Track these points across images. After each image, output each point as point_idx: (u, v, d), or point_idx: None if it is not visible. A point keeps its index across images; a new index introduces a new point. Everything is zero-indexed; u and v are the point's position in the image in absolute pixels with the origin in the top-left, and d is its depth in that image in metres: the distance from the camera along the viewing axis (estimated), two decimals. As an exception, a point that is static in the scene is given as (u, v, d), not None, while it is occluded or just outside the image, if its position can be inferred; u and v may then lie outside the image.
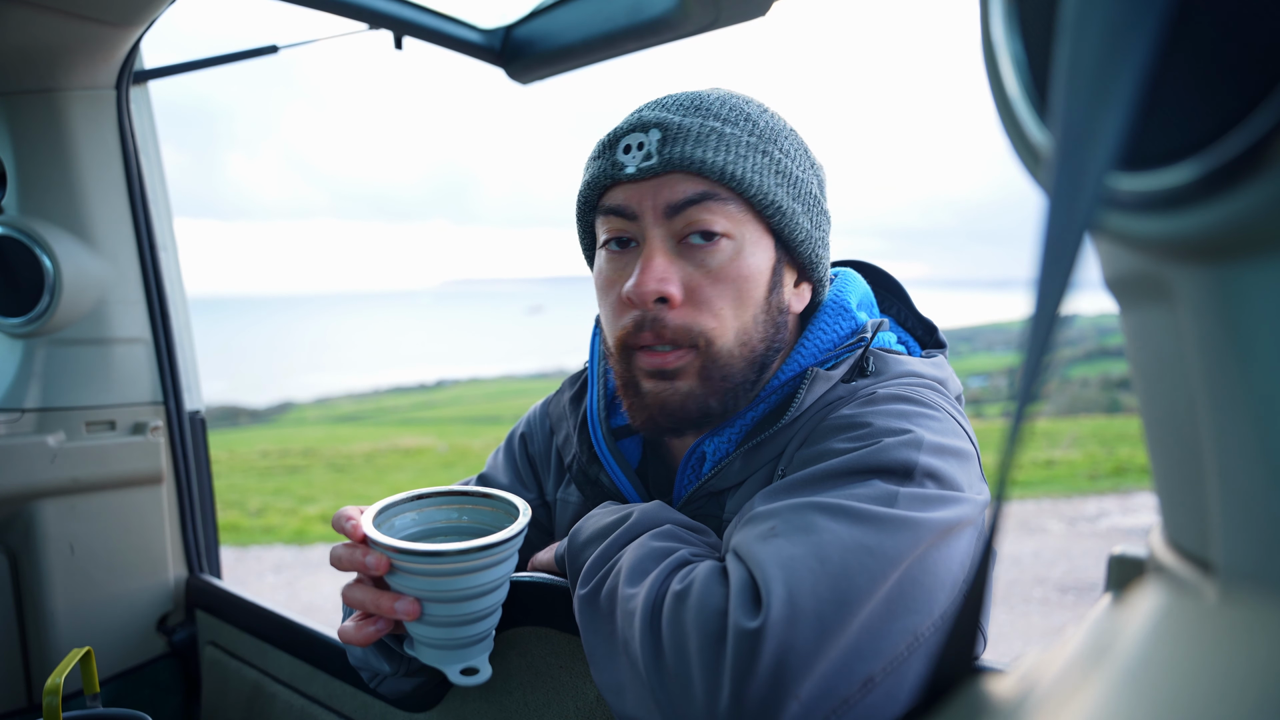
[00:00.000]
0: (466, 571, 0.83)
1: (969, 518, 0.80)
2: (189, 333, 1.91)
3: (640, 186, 0.91)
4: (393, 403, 25.64)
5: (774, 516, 0.77)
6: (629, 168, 0.91)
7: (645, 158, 0.90)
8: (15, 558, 1.66)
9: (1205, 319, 0.29)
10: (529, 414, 1.23)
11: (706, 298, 0.90)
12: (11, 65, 1.54)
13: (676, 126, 0.90)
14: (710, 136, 0.90)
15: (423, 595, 0.85)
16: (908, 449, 0.80)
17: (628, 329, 0.92)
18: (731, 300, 0.91)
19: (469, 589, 0.84)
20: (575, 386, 1.15)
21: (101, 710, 1.15)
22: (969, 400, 1.27)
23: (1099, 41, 0.26)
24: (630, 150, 0.91)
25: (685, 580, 0.76)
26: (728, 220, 0.90)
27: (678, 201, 0.89)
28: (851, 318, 1.00)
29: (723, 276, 0.90)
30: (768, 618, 0.68)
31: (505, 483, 1.17)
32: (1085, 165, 0.27)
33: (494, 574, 0.86)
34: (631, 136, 0.92)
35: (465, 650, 0.88)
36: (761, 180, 0.91)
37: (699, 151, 0.89)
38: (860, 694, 0.70)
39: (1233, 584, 0.30)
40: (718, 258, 0.90)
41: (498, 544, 0.84)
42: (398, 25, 1.57)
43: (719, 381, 0.91)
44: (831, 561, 0.71)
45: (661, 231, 0.91)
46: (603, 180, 0.94)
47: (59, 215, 1.64)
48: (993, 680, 0.34)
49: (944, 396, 0.93)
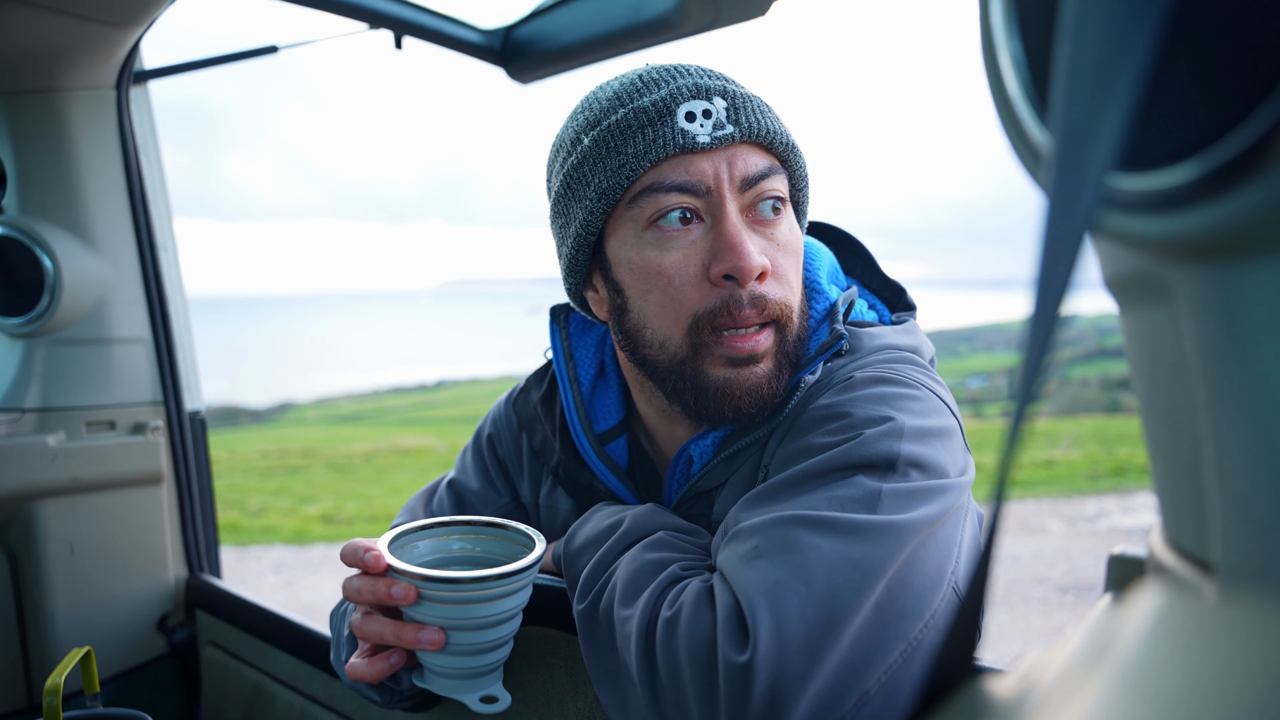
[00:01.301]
0: (493, 598, 0.83)
1: (955, 505, 0.79)
2: (189, 333, 1.91)
3: (713, 157, 0.85)
4: (393, 403, 25.64)
5: (756, 534, 0.75)
6: (700, 137, 0.84)
7: (716, 126, 0.84)
8: (15, 558, 1.66)
9: (1205, 319, 0.29)
10: (493, 413, 1.18)
11: (783, 270, 0.87)
12: (11, 65, 1.54)
13: (740, 95, 0.87)
14: (769, 108, 0.89)
15: (445, 624, 0.83)
16: (889, 439, 0.79)
17: (712, 311, 0.85)
18: (796, 272, 0.90)
19: (493, 616, 0.84)
20: (544, 386, 1.11)
21: (101, 710, 1.15)
22: (969, 400, 1.27)
23: (1099, 41, 0.26)
24: (694, 118, 0.84)
25: (674, 605, 0.75)
26: (784, 192, 0.90)
27: (753, 175, 0.85)
28: (824, 297, 0.98)
29: (790, 248, 0.89)
30: (756, 650, 0.67)
31: (477, 487, 1.14)
32: (1085, 165, 0.27)
33: (516, 600, 0.86)
34: (694, 103, 0.85)
35: (482, 679, 0.88)
36: (800, 156, 0.92)
37: (768, 122, 0.87)
38: (856, 709, 0.69)
39: (1233, 584, 0.30)
40: (783, 230, 0.89)
41: (524, 569, 0.83)
42: (398, 25, 1.57)
43: (788, 358, 0.89)
44: (817, 582, 0.70)
45: (735, 203, 0.86)
46: (659, 151, 0.84)
47: (59, 215, 1.64)
48: (993, 680, 0.34)
49: (920, 368, 0.91)
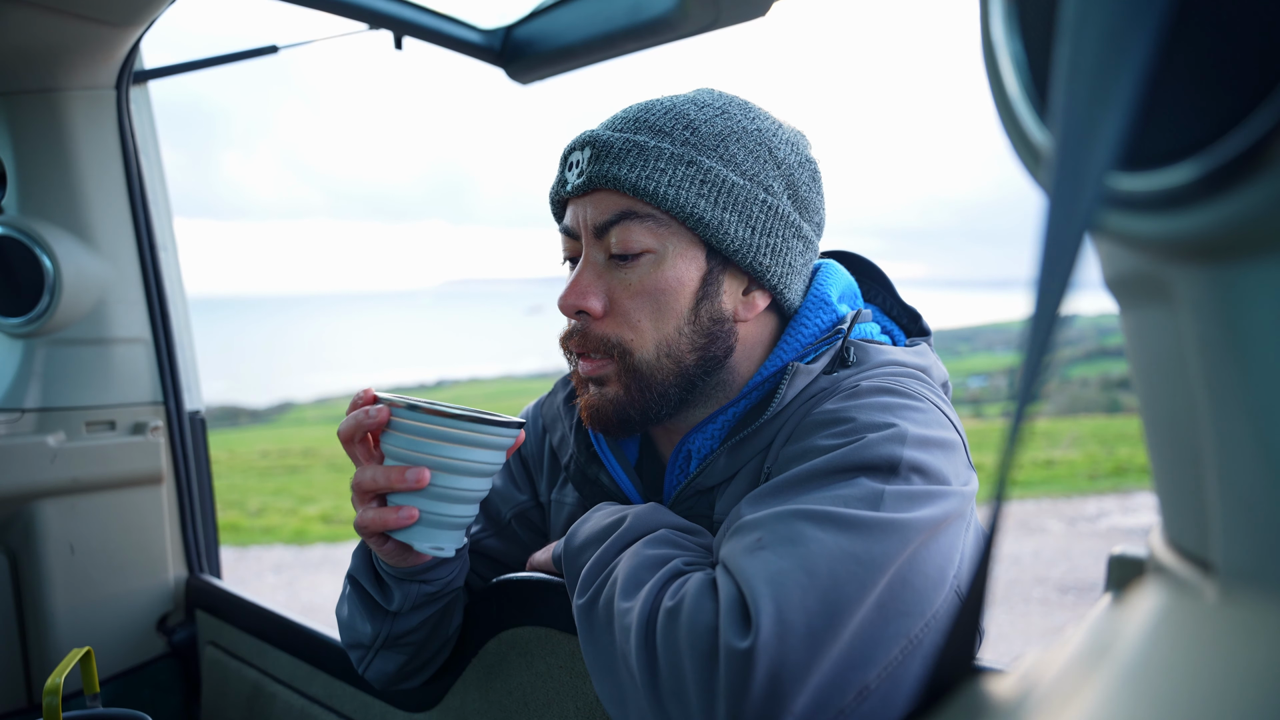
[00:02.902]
0: (466, 442, 0.88)
1: (956, 511, 0.80)
2: (189, 333, 1.91)
3: (578, 204, 0.96)
4: (392, 403, 25.55)
5: (760, 527, 0.77)
6: (568, 185, 0.96)
7: (578, 175, 0.94)
8: (15, 558, 1.66)
9: (1205, 319, 0.29)
10: (521, 415, 1.24)
11: (625, 310, 0.94)
12: (11, 65, 1.54)
13: (603, 143, 0.93)
14: (630, 152, 0.91)
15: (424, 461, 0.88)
16: (892, 444, 0.79)
17: (563, 336, 0.99)
18: (650, 313, 0.93)
19: (460, 460, 0.88)
20: (568, 387, 1.16)
21: (101, 710, 1.15)
22: (969, 400, 1.26)
23: (1099, 41, 0.26)
24: (573, 167, 0.96)
25: (676, 596, 0.76)
26: (649, 236, 0.92)
27: (601, 222, 0.93)
28: (832, 310, 1.00)
29: (640, 290, 0.93)
30: (758, 637, 0.68)
31: (499, 484, 1.18)
32: (1085, 165, 0.27)
33: (484, 455, 0.90)
34: (574, 154, 0.96)
35: (439, 532, 0.91)
36: (678, 193, 0.91)
37: (615, 168, 0.92)
38: (856, 703, 0.70)
39: (1233, 584, 0.30)
40: (636, 273, 0.93)
41: (495, 424, 0.89)
42: (398, 25, 1.57)
43: (639, 391, 0.95)
44: (819, 573, 0.71)
45: (596, 247, 0.95)
46: (553, 196, 1.00)
47: (59, 215, 1.64)
48: (993, 680, 0.34)
49: (927, 385, 0.93)
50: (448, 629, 1.07)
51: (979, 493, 0.88)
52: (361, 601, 1.02)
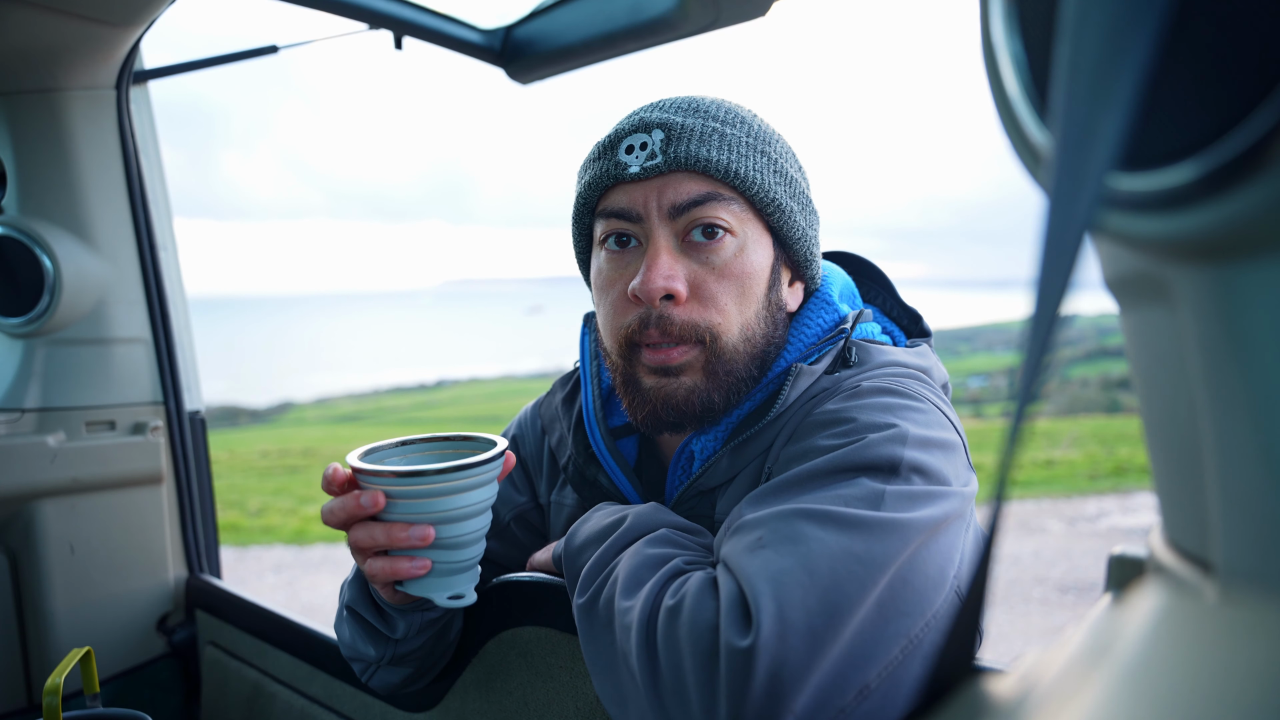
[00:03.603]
0: (458, 490, 0.86)
1: (956, 512, 0.80)
2: (189, 333, 1.91)
3: (645, 186, 0.92)
4: (392, 403, 25.64)
5: (761, 526, 0.77)
6: (632, 167, 0.92)
7: (649, 157, 0.91)
8: (15, 558, 1.66)
9: (1205, 319, 0.29)
10: (520, 416, 1.23)
11: (712, 293, 0.92)
12: (11, 65, 1.54)
13: (680, 126, 0.91)
14: (713, 136, 0.92)
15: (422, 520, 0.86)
16: (893, 444, 0.80)
17: (632, 327, 0.93)
18: (735, 296, 0.92)
19: (460, 509, 0.87)
20: (567, 387, 1.16)
21: (101, 710, 1.15)
22: (969, 400, 1.27)
23: (1099, 41, 0.26)
24: (633, 150, 0.92)
25: (677, 594, 0.76)
26: (732, 218, 0.92)
27: (683, 202, 0.91)
28: (834, 310, 1.01)
29: (727, 273, 0.92)
30: (759, 636, 0.68)
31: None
32: (1085, 165, 0.27)
33: (482, 494, 0.89)
34: (634, 137, 0.93)
35: (453, 578, 0.90)
36: (763, 179, 0.93)
37: (704, 150, 0.90)
38: (856, 702, 0.70)
39: (1232, 584, 0.30)
40: (722, 254, 0.92)
41: (484, 461, 0.87)
42: (398, 25, 1.57)
43: (723, 376, 0.93)
44: (820, 572, 0.71)
45: (666, 230, 0.92)
46: (604, 180, 0.94)
47: (59, 215, 1.64)
48: (993, 680, 0.34)
49: (928, 386, 0.94)
50: (449, 635, 1.07)
51: (979, 493, 0.88)
52: (363, 628, 1.01)
